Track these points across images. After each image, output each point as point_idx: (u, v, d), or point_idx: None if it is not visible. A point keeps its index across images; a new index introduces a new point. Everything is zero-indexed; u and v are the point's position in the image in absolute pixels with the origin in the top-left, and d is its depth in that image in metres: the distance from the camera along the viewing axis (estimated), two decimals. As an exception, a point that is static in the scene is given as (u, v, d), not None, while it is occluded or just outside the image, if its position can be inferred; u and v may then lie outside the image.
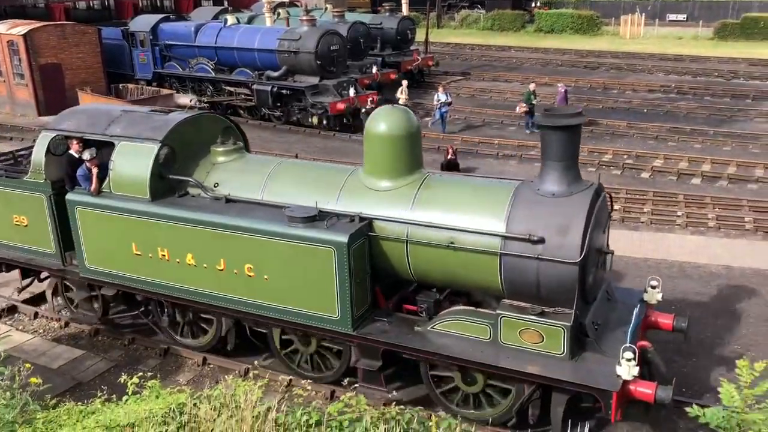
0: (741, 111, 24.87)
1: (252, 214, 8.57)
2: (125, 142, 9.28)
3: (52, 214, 10.02)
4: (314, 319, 8.45)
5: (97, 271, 9.86)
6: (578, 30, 49.52)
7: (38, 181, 9.99)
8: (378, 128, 8.50)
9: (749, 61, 35.26)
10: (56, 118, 10.43)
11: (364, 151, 8.75)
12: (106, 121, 9.72)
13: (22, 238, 10.55)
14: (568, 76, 31.21)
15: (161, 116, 9.76)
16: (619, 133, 22.43)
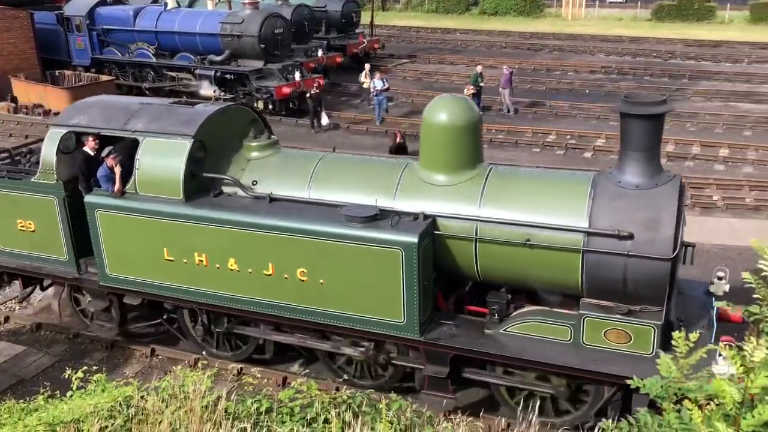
0: (678, 90, 25.61)
1: (305, 215, 7.90)
2: (152, 138, 8.51)
3: (64, 217, 9.13)
4: (376, 324, 7.81)
5: (119, 279, 9.02)
6: (521, 12, 50.06)
7: (49, 182, 9.08)
8: (439, 118, 7.87)
9: (685, 42, 36.29)
10: (65, 113, 9.49)
11: (421, 144, 8.18)
12: (125, 115, 8.89)
13: (28, 244, 9.61)
14: (512, 58, 31.55)
15: (187, 109, 8.97)
16: (562, 113, 22.83)
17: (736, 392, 2.84)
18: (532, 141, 19.67)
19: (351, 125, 22.17)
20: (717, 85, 26.41)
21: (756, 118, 21.38)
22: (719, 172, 16.76)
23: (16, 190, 9.42)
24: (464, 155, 7.95)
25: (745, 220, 14.01)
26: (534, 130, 20.50)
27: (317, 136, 21.10)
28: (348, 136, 21.20)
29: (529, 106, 23.67)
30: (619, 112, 7.34)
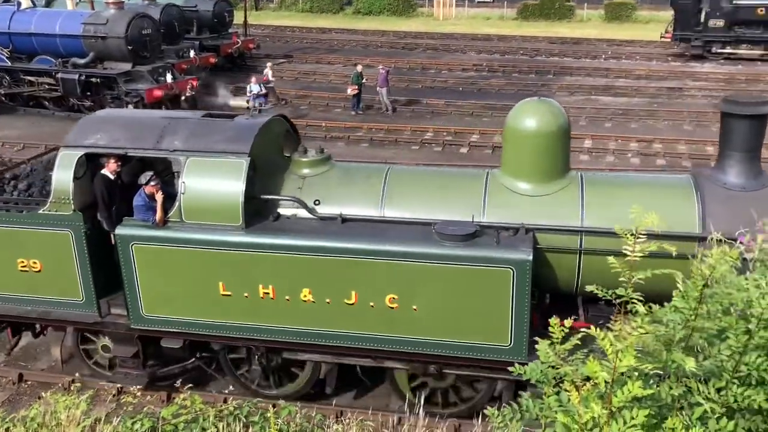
0: (545, 86, 26.95)
1: (389, 236, 7.14)
2: (198, 158, 7.49)
3: (83, 253, 7.92)
4: (478, 350, 7.16)
5: (156, 320, 7.91)
6: (395, 12, 50.91)
7: (63, 213, 7.80)
8: (529, 124, 7.34)
9: (549, 40, 38.29)
10: (77, 132, 8.10)
11: (507, 151, 7.65)
12: (155, 132, 7.82)
13: (31, 287, 8.26)
14: (388, 57, 32.00)
15: (228, 123, 8.01)
16: (438, 111, 23.42)
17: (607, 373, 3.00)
18: (411, 139, 20.04)
19: (228, 128, 21.60)
20: (579, 80, 28.05)
21: (614, 110, 22.91)
22: (585, 162, 17.79)
23: (18, 225, 8.02)
24: (557, 163, 7.51)
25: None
26: (412, 128, 20.90)
27: (193, 140, 20.41)
28: (226, 139, 20.63)
29: (407, 105, 24.11)
30: (721, 112, 7.20)
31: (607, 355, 3.10)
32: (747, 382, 3.36)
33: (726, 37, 31.05)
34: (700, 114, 22.01)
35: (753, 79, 27.50)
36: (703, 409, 3.24)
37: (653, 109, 22.90)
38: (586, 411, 2.97)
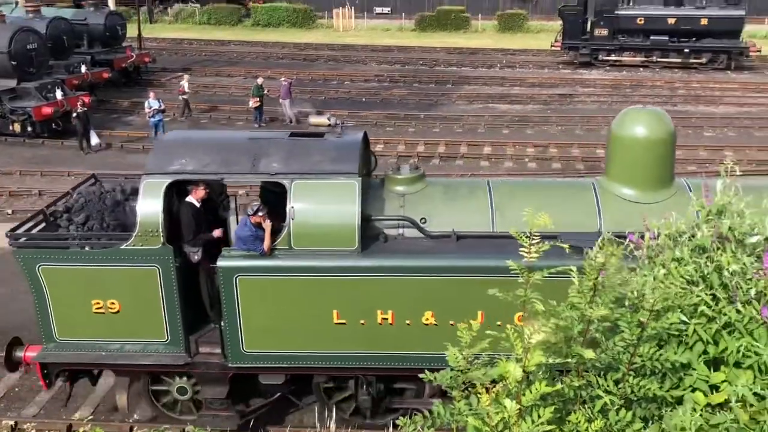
0: (444, 95, 27.62)
1: (514, 252, 6.51)
2: (303, 181, 7.02)
3: (171, 290, 7.24)
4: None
5: (257, 355, 7.34)
6: (294, 23, 50.73)
7: (151, 247, 7.10)
8: (640, 132, 7.29)
9: (447, 50, 39.25)
10: (157, 158, 7.41)
11: (614, 159, 7.56)
12: (248, 155, 7.26)
13: (108, 330, 7.48)
14: (289, 69, 31.84)
15: (322, 142, 7.51)
16: (342, 121, 23.47)
17: (518, 371, 3.10)
18: (315, 150, 20.00)
19: (125, 144, 20.87)
20: (477, 89, 28.90)
21: (511, 117, 23.76)
22: (485, 168, 18.34)
23: (97, 263, 7.24)
24: (666, 170, 7.44)
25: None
26: (317, 139, 20.84)
27: (87, 158, 19.58)
28: (123, 156, 19.92)
29: (310, 116, 24.03)
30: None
31: (517, 354, 3.21)
32: (642, 373, 3.57)
33: (610, 45, 32.88)
34: (591, 119, 23.17)
35: (637, 84, 29.26)
36: (603, 402, 3.41)
37: (547, 115, 23.92)
38: (497, 412, 3.07)
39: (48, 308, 7.39)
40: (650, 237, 4.14)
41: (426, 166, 18.54)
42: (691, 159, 18.52)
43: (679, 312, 3.57)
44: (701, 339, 3.60)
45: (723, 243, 3.80)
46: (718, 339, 3.58)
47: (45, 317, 7.43)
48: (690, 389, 3.57)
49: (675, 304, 3.58)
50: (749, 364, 3.47)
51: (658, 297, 3.47)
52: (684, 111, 24.60)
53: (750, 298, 3.49)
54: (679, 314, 3.56)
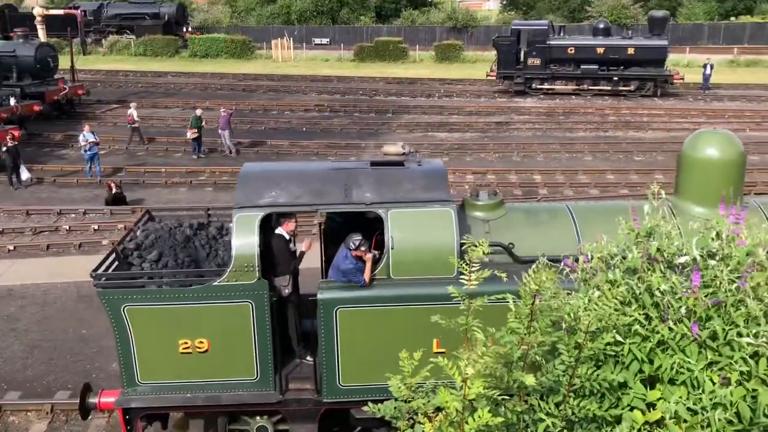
0: (385, 124, 27.90)
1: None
2: (399, 210, 6.94)
3: (264, 325, 6.96)
4: None
5: (353, 389, 7.06)
6: (233, 54, 50.59)
7: (246, 282, 6.83)
8: (713, 153, 7.48)
9: (386, 80, 39.77)
10: (245, 192, 7.18)
11: (687, 179, 7.72)
12: (337, 185, 7.14)
13: (194, 370, 7.10)
14: (228, 100, 31.65)
15: (406, 170, 7.41)
16: (283, 151, 23.43)
17: (458, 402, 3.12)
18: (256, 180, 19.85)
19: (57, 178, 20.24)
20: (416, 118, 29.31)
21: (450, 144, 24.16)
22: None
23: (187, 302, 6.91)
24: (737, 189, 7.55)
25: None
26: (257, 170, 20.70)
27: (18, 193, 18.90)
28: (56, 191, 19.31)
29: (251, 146, 23.90)
30: None
31: (456, 383, 3.23)
32: (581, 394, 3.64)
33: (543, 74, 33.97)
34: (526, 145, 23.77)
35: (570, 111, 30.22)
36: (545, 425, 3.45)
37: (485, 143, 24.42)
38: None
39: (131, 351, 7.07)
40: (584, 260, 4.25)
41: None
42: (622, 183, 19.18)
43: (614, 332, 3.67)
44: (636, 358, 3.69)
45: (653, 264, 3.93)
46: (653, 357, 3.68)
47: (128, 360, 7.11)
48: (628, 408, 3.65)
49: (610, 324, 3.68)
50: (682, 380, 3.58)
51: (593, 318, 3.55)
52: (615, 136, 25.52)
53: (681, 316, 3.61)
54: (614, 334, 3.65)
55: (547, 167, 20.97)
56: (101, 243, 15.12)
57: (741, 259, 3.64)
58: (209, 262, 7.75)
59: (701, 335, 3.47)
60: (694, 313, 3.57)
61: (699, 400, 3.46)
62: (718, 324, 3.44)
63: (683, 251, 3.99)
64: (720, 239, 3.96)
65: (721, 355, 3.42)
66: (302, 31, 61.26)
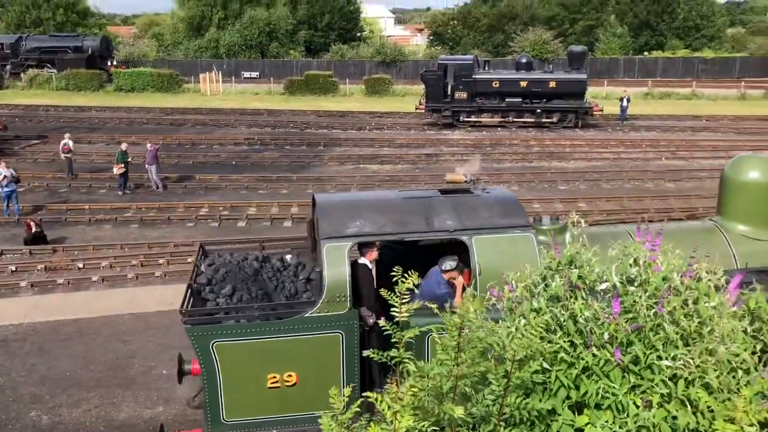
0: (316, 157, 27.91)
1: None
2: (482, 237, 7.08)
3: (352, 355, 6.89)
4: None
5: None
6: (160, 88, 49.77)
7: (339, 312, 6.80)
8: (757, 176, 7.99)
9: (316, 113, 39.89)
10: (330, 223, 7.22)
11: (733, 199, 8.19)
12: (417, 214, 7.25)
13: (281, 405, 6.92)
14: (155, 134, 30.99)
15: (478, 198, 7.66)
16: (212, 186, 23.08)
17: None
18: (184, 216, 19.43)
19: (-28, 218, 19.28)
20: (348, 150, 29.47)
21: (382, 176, 24.36)
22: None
23: (276, 335, 6.76)
24: None
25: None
26: (186, 205, 20.30)
27: (-73, 235, 17.87)
28: (-31, 231, 18.36)
29: (179, 181, 23.44)
30: None
31: (386, 417, 3.20)
32: (511, 423, 3.66)
33: (470, 107, 34.84)
34: (456, 176, 24.23)
35: (496, 143, 31.02)
36: (477, 455, 3.45)
37: (415, 174, 24.74)
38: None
39: (218, 388, 6.83)
40: (509, 289, 4.32)
41: (301, 226, 18.50)
42: (548, 211, 19.72)
43: (541, 360, 3.72)
44: (563, 384, 3.75)
45: (575, 291, 4.03)
46: (579, 383, 3.75)
47: (214, 398, 6.84)
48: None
49: (536, 352, 3.74)
50: (608, 405, 3.66)
51: (520, 347, 3.60)
52: (539, 167, 26.32)
53: (604, 341, 3.70)
54: (541, 362, 3.71)
55: (476, 197, 21.38)
56: (19, 285, 14.42)
57: (658, 285, 3.78)
58: (278, 294, 7.66)
59: (624, 360, 3.56)
60: (616, 339, 3.67)
61: (624, 424, 3.54)
62: (638, 348, 3.54)
63: (604, 278, 4.11)
64: (638, 265, 4.10)
65: (643, 378, 3.52)
66: (231, 64, 60.99)
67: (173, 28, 71.16)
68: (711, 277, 3.77)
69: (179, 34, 69.70)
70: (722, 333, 3.45)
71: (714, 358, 3.37)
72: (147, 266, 15.48)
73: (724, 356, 3.37)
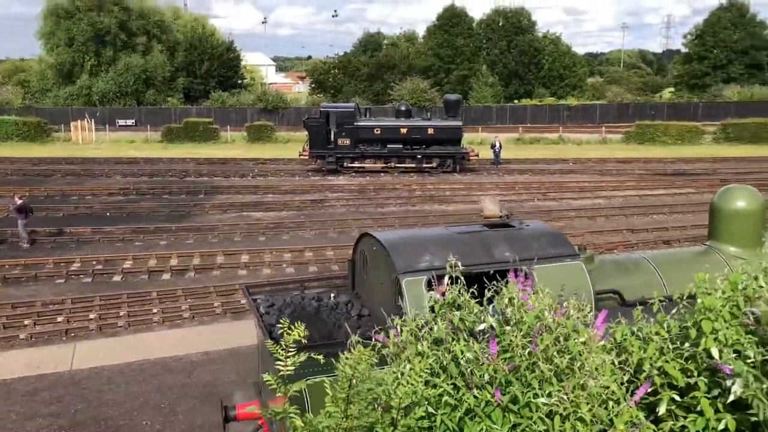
0: (197, 206, 27.17)
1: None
2: (540, 266, 7.51)
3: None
4: None
5: None
6: (26, 137, 47.05)
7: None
8: (743, 204, 9.18)
9: (196, 160, 39.04)
10: (402, 258, 7.55)
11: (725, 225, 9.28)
12: (476, 247, 7.79)
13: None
14: (21, 186, 29.13)
15: (521, 231, 8.26)
16: (84, 239, 21.84)
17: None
18: (54, 272, 18.21)
19: None
20: (230, 198, 28.95)
21: (266, 224, 24.04)
22: (243, 277, 18.14)
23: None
24: (760, 232, 9.14)
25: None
26: (55, 261, 19.05)
27: None
28: None
29: (48, 236, 21.99)
30: None
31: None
32: (399, 470, 3.64)
33: (353, 153, 35.36)
34: (342, 221, 24.34)
35: (380, 188, 31.58)
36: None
37: (301, 221, 24.63)
38: None
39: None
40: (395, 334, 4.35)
41: (181, 279, 17.84)
42: (432, 253, 20.14)
43: (426, 405, 3.75)
44: (448, 428, 3.79)
45: (457, 334, 4.12)
46: (462, 425, 3.80)
47: None
48: (444, 479, 3.71)
49: (422, 397, 3.76)
50: (490, 445, 3.73)
51: (405, 393, 3.62)
52: (422, 210, 27.01)
53: (484, 382, 3.79)
54: (427, 407, 3.73)
55: (361, 242, 21.53)
56: None
57: (531, 324, 3.93)
58: (337, 332, 7.61)
59: (503, 400, 3.65)
60: (495, 379, 3.76)
61: (507, 463, 3.62)
62: (516, 388, 3.65)
63: (482, 319, 4.23)
64: (513, 306, 4.25)
65: (522, 417, 3.62)
66: (105, 112, 58.70)
67: (41, 75, 67.66)
68: (579, 315, 3.97)
69: (48, 81, 66.38)
70: (592, 367, 3.62)
71: (586, 392, 3.53)
72: (10, 328, 14.32)
73: (594, 390, 3.53)
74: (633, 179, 33.90)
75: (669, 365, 3.75)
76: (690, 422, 3.53)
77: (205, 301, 16.07)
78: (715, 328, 3.70)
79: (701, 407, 3.52)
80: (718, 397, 3.53)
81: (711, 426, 3.46)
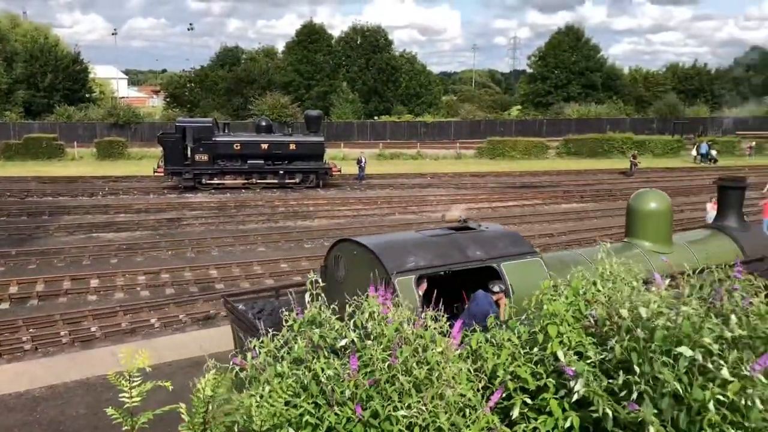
0: (40, 228, 25.22)
1: None
2: (507, 263, 8.39)
3: None
4: None
5: None
6: None
7: None
8: (655, 205, 10.69)
9: (39, 179, 36.31)
10: (391, 260, 7.98)
11: (640, 224, 10.76)
12: (453, 248, 8.42)
13: None
14: None
15: (485, 233, 8.97)
16: None
17: None
18: None
19: None
20: (78, 219, 27.13)
21: (118, 245, 22.73)
22: (92, 302, 17.00)
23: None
24: (670, 230, 10.64)
25: (125, 344, 14.46)
26: None
27: None
28: None
29: None
30: None
31: None
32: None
33: (212, 169, 34.40)
34: (200, 240, 23.54)
35: (241, 204, 30.91)
36: None
37: (156, 241, 23.53)
38: None
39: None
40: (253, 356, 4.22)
41: (22, 307, 16.41)
42: (295, 270, 19.98)
43: (287, 426, 3.67)
44: (310, 448, 3.73)
45: (317, 351, 4.07)
46: (325, 445, 3.75)
47: None
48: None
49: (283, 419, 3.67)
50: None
51: (265, 416, 3.51)
52: (286, 226, 26.74)
53: (345, 399, 3.76)
54: (288, 428, 3.65)
55: (222, 261, 20.94)
56: None
57: (390, 336, 3.96)
58: None
59: (364, 415, 3.64)
60: (356, 395, 3.75)
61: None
62: (377, 402, 3.66)
63: (343, 335, 4.21)
64: (373, 319, 4.27)
65: (383, 431, 3.63)
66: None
67: None
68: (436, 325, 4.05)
69: None
70: (449, 376, 3.71)
71: (443, 401, 3.60)
72: None
73: (452, 398, 3.61)
74: (486, 192, 35.60)
75: (521, 369, 3.92)
76: (541, 423, 3.70)
77: (50, 330, 14.86)
78: (560, 331, 3.92)
79: (550, 408, 3.71)
80: (565, 396, 3.73)
81: (560, 425, 3.65)
